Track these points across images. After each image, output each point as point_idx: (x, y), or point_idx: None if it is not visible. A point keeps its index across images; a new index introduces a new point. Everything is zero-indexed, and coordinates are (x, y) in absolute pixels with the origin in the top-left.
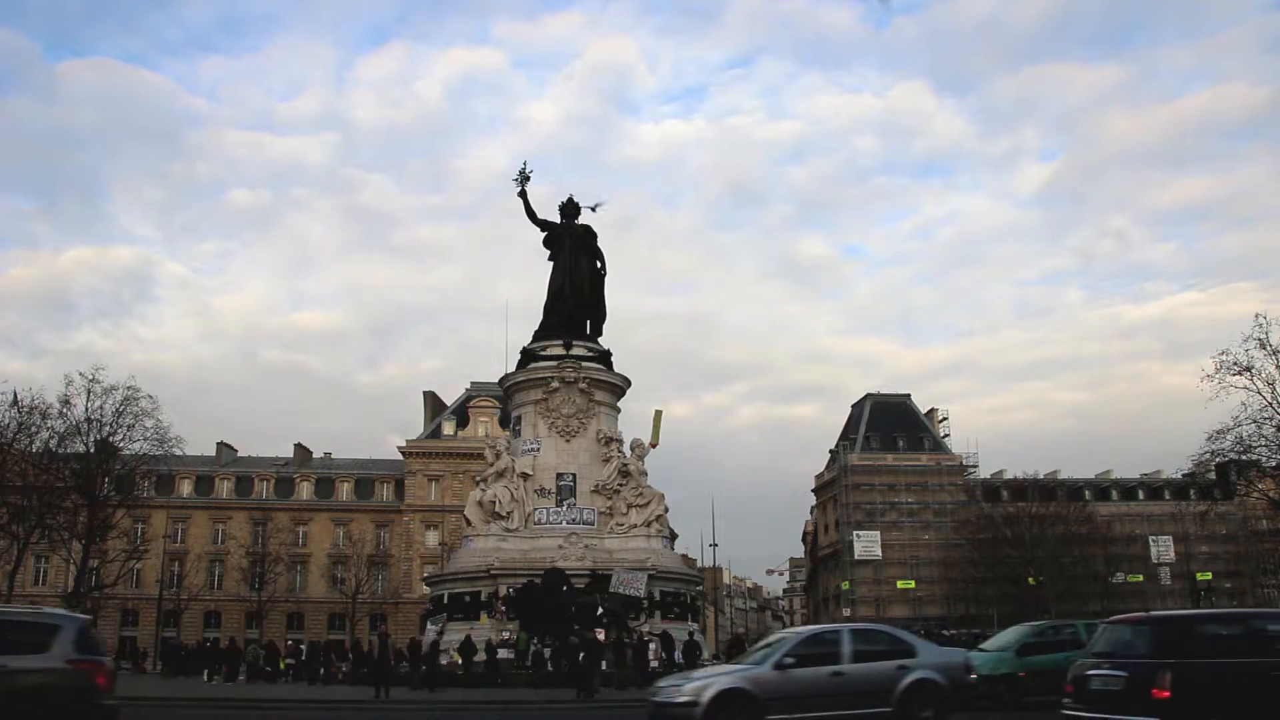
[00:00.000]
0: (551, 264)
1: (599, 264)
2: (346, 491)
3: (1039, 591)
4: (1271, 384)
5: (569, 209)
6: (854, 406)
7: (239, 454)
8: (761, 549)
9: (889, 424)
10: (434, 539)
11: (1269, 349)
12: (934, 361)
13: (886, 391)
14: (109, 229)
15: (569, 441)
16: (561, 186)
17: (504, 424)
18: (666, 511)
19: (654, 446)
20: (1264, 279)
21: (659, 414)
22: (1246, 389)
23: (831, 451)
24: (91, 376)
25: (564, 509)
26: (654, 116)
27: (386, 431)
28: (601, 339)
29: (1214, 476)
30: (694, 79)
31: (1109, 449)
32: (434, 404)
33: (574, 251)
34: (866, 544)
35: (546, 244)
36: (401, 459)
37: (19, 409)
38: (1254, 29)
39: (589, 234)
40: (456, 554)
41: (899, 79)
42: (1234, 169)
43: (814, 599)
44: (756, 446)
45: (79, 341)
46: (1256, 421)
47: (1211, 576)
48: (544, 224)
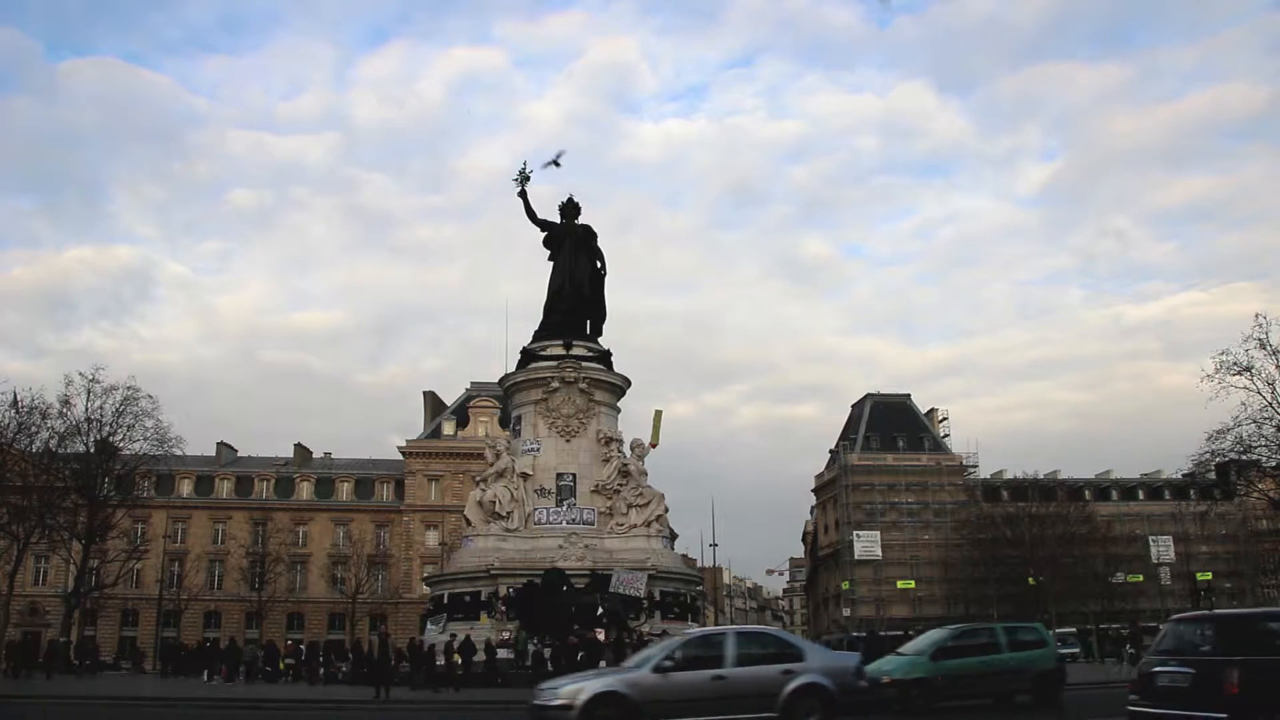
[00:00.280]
0: (551, 264)
1: (599, 264)
2: (346, 491)
3: (1039, 591)
4: (1271, 384)
5: (569, 209)
6: (854, 406)
7: (239, 454)
8: (761, 549)
9: (889, 424)
10: (434, 539)
11: (1269, 349)
12: (934, 361)
13: (887, 391)
14: (109, 228)
15: (569, 441)
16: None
17: (504, 424)
18: (666, 511)
19: (654, 446)
20: (1265, 279)
21: (659, 414)
22: (1246, 389)
23: (831, 451)
24: (91, 376)
25: (564, 509)
26: (655, 116)
27: (387, 431)
28: (602, 339)
29: (1214, 476)
30: (695, 78)
31: (1109, 449)
32: (434, 404)
33: (574, 251)
34: (866, 544)
35: (546, 244)
36: (401, 459)
37: (18, 409)
38: (1255, 29)
39: (589, 234)
40: (456, 554)
41: (900, 79)
42: (1235, 169)
43: (814, 599)
44: (757, 446)
45: (79, 341)
46: (1256, 421)
47: (1211, 576)
48: (544, 224)
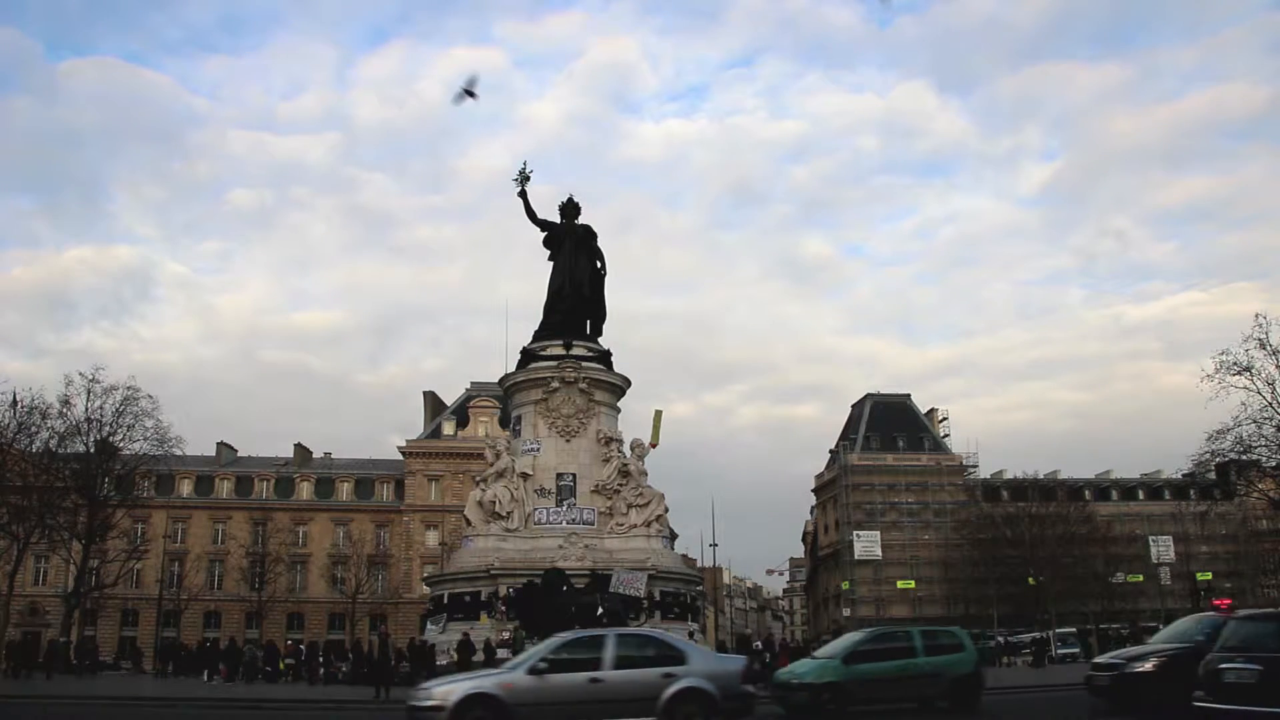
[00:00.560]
0: (551, 264)
1: (599, 264)
2: (346, 491)
3: (1039, 591)
4: (1271, 384)
5: (569, 209)
6: (854, 406)
7: (239, 454)
8: (761, 549)
9: (889, 424)
10: (434, 539)
11: (1269, 349)
12: (935, 361)
13: (887, 391)
14: (110, 228)
15: (569, 441)
16: (563, 186)
17: (504, 424)
18: (666, 511)
19: (654, 446)
20: (1265, 279)
21: (659, 414)
22: (1246, 389)
23: (831, 451)
24: (91, 376)
25: (564, 509)
26: (655, 116)
27: (387, 431)
28: (602, 339)
29: (1214, 476)
30: (696, 78)
31: (1109, 449)
32: (434, 404)
33: (574, 251)
34: (866, 544)
35: (546, 244)
36: (401, 459)
37: (17, 410)
38: (1255, 28)
39: (589, 234)
40: (456, 554)
41: (901, 78)
42: (1235, 169)
43: (814, 599)
44: (757, 446)
45: (79, 341)
46: (1256, 421)
47: (1211, 576)
48: (544, 224)
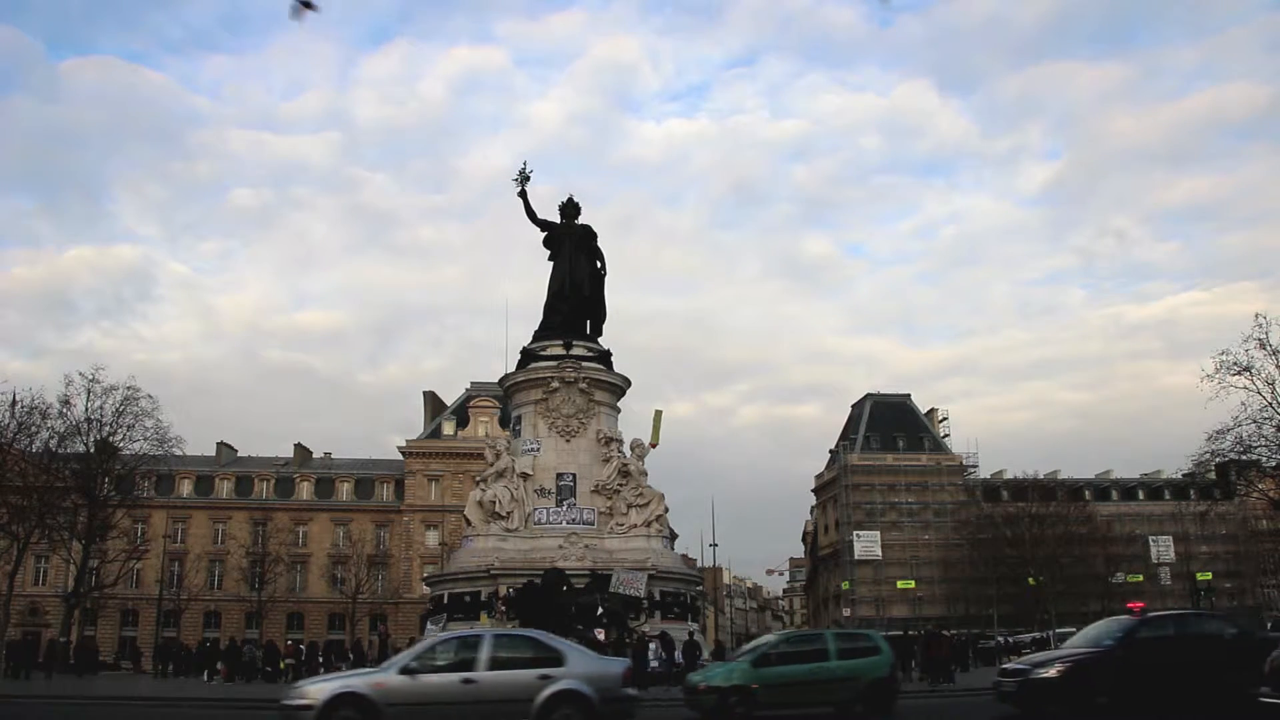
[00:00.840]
0: (551, 264)
1: (599, 264)
2: (346, 491)
3: (1039, 591)
4: (1271, 384)
5: (569, 209)
6: (854, 406)
7: (239, 454)
8: (761, 549)
9: (889, 424)
10: (434, 539)
11: (1269, 349)
12: (936, 361)
13: (887, 391)
14: (110, 228)
15: (569, 441)
16: (564, 186)
17: (504, 424)
18: (666, 511)
19: (654, 446)
20: (1266, 278)
21: (659, 414)
22: (1246, 389)
23: (831, 451)
24: (91, 376)
25: (564, 509)
26: (657, 115)
27: (387, 431)
28: (602, 339)
29: (1214, 476)
30: (697, 78)
31: (1110, 449)
32: (434, 404)
33: (574, 251)
34: (866, 544)
35: (547, 244)
36: (401, 459)
37: (15, 411)
38: (1257, 28)
39: (589, 234)
40: (456, 554)
41: (902, 78)
42: (1236, 168)
43: (814, 599)
44: (757, 446)
45: (80, 341)
46: (1256, 421)
47: (1211, 576)
48: (544, 224)
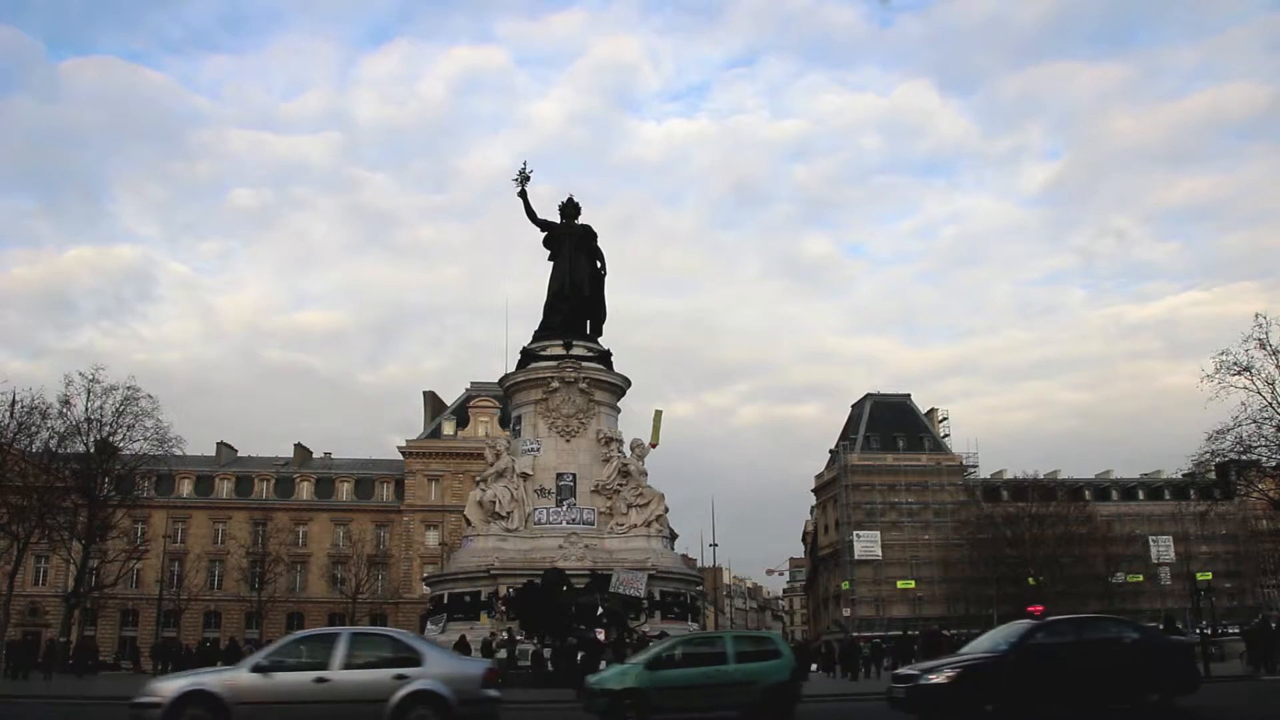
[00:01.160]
0: (551, 264)
1: (599, 264)
2: (346, 491)
3: (1039, 591)
4: (1271, 384)
5: (569, 209)
6: (854, 406)
7: (239, 454)
8: (761, 549)
9: (889, 424)
10: (434, 539)
11: (1269, 349)
12: (936, 361)
13: (887, 391)
14: (111, 228)
15: (569, 441)
16: (564, 186)
17: (504, 424)
18: (666, 511)
19: (654, 446)
20: (1266, 278)
21: (659, 414)
22: (1246, 389)
23: (831, 451)
24: (91, 376)
25: (564, 509)
26: (657, 115)
27: (387, 431)
28: (602, 339)
29: (1214, 476)
30: (697, 77)
31: (1110, 449)
32: (434, 404)
33: (574, 251)
34: (866, 544)
35: (547, 244)
36: (401, 459)
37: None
38: (1257, 28)
39: (589, 234)
40: (456, 554)
41: (903, 78)
42: (1237, 168)
43: (814, 599)
44: (757, 446)
45: (80, 341)
46: (1256, 421)
47: (1211, 576)
48: (544, 224)
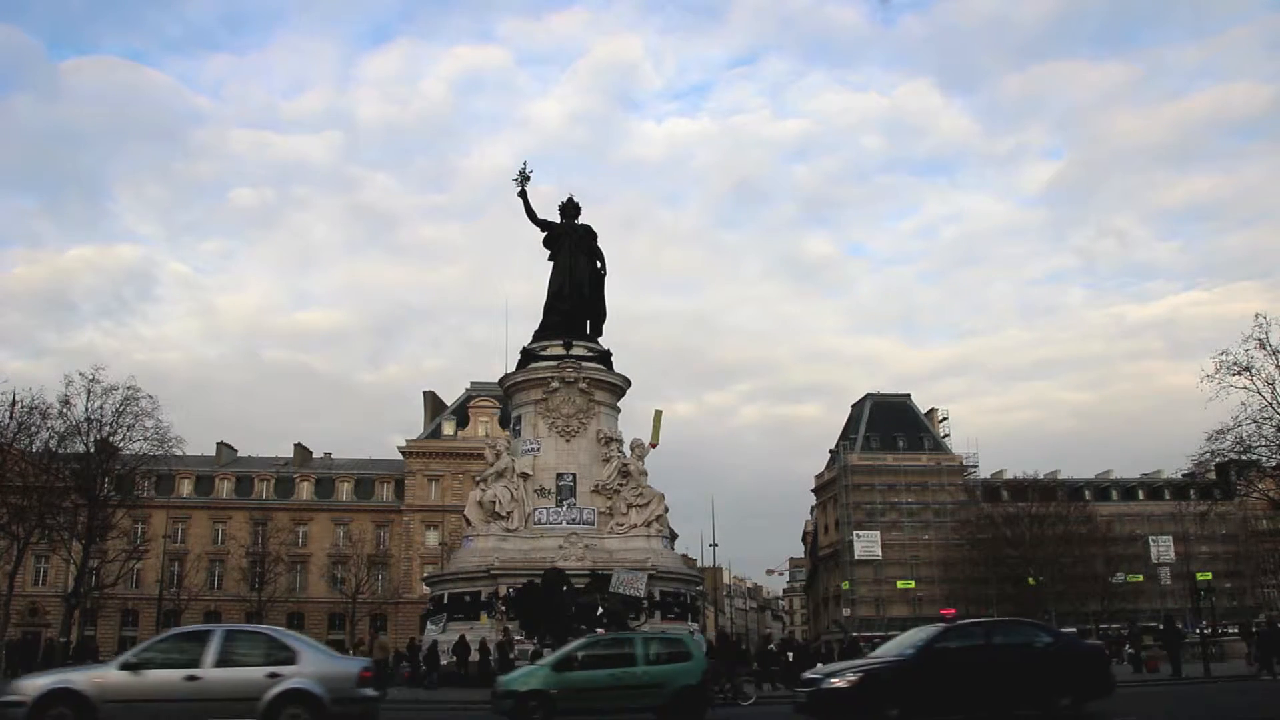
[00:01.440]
0: (551, 264)
1: (599, 264)
2: (346, 491)
3: (1039, 591)
4: (1271, 384)
5: (569, 209)
6: (854, 406)
7: (239, 454)
8: (761, 549)
9: (889, 424)
10: (434, 539)
11: (1269, 349)
12: (937, 361)
13: (887, 391)
14: (111, 228)
15: (569, 441)
16: (565, 185)
17: (504, 424)
18: (666, 511)
19: (654, 446)
20: (1268, 278)
21: (659, 414)
22: (1246, 389)
23: (831, 451)
24: (91, 376)
25: (564, 509)
26: (658, 115)
27: (387, 431)
28: (602, 339)
29: (1214, 476)
30: (699, 77)
31: (1110, 449)
32: (434, 404)
33: (574, 251)
34: (866, 544)
35: (547, 244)
36: (401, 459)
37: (18, 409)
38: (1260, 28)
39: (589, 234)
40: (456, 554)
41: (905, 77)
42: (1239, 168)
43: (814, 599)
44: (758, 446)
45: (81, 341)
46: (1256, 421)
47: (1211, 576)
48: (544, 224)
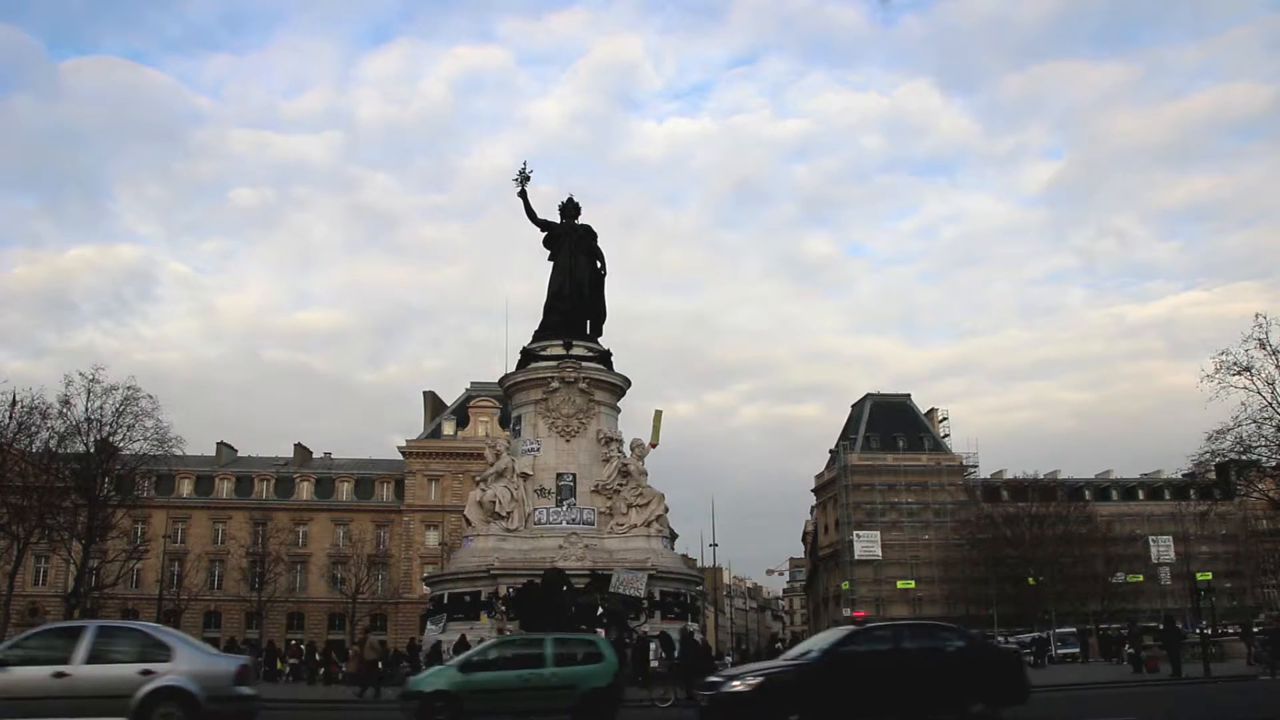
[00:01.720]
0: (551, 264)
1: (599, 264)
2: (346, 491)
3: (1039, 591)
4: (1271, 384)
5: (569, 209)
6: (854, 406)
7: (239, 454)
8: (761, 549)
9: (889, 424)
10: (434, 539)
11: (1269, 349)
12: (936, 361)
13: (887, 391)
14: (111, 228)
15: (569, 441)
16: (565, 185)
17: (504, 424)
18: (666, 511)
19: (654, 446)
20: (1268, 278)
21: (659, 414)
22: (1246, 389)
23: (831, 451)
24: (91, 376)
25: (564, 509)
26: (659, 115)
27: (387, 431)
28: (602, 339)
29: (1214, 476)
30: (699, 77)
31: (1111, 449)
32: (434, 404)
33: (574, 251)
34: (866, 544)
35: (547, 244)
36: (401, 459)
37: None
38: (1260, 27)
39: (589, 234)
40: (456, 554)
41: (905, 77)
42: (1239, 168)
43: (814, 599)
44: (758, 446)
45: (81, 341)
46: (1256, 421)
47: (1211, 576)
48: (544, 224)
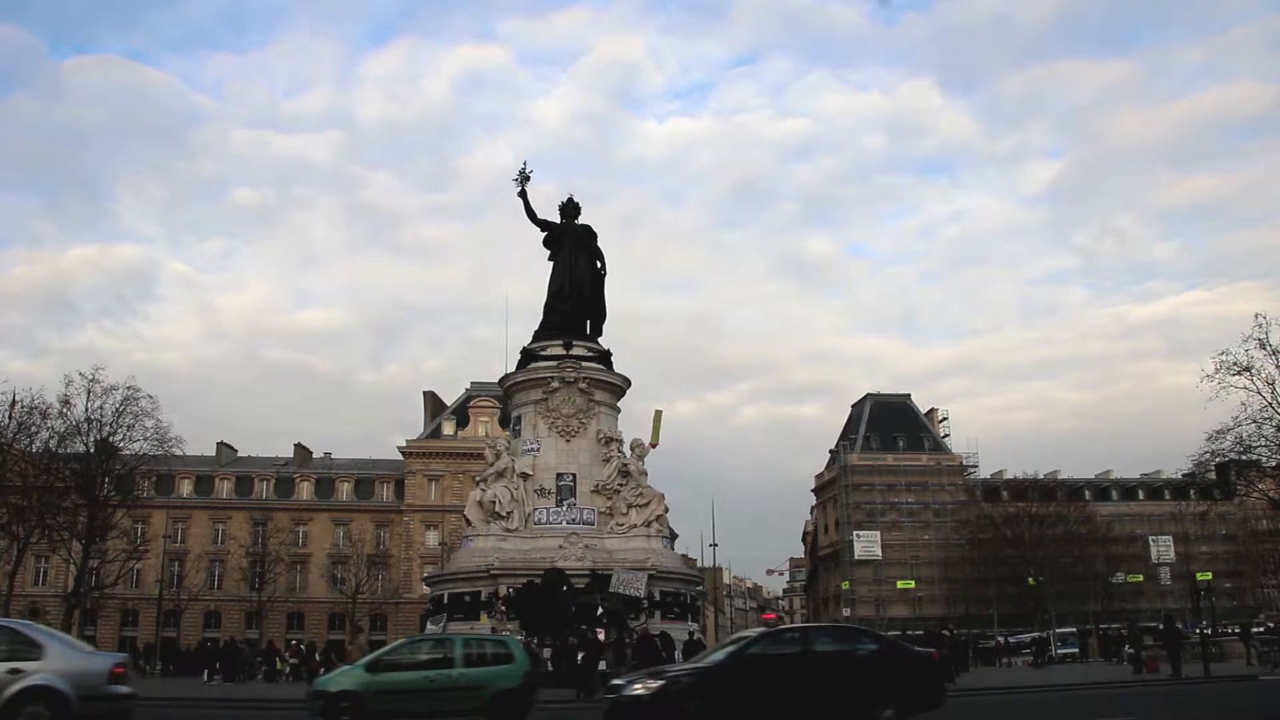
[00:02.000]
0: (552, 264)
1: (599, 264)
2: (346, 491)
3: (1039, 591)
4: (1271, 384)
5: (569, 209)
6: (854, 406)
7: (239, 454)
8: (761, 549)
9: (889, 424)
10: (434, 539)
11: (1269, 349)
12: (936, 361)
13: (887, 391)
14: (112, 227)
15: (569, 441)
16: (566, 184)
17: (504, 424)
18: (666, 511)
19: (654, 446)
20: (1269, 278)
21: (659, 414)
22: (1246, 389)
23: (832, 451)
24: (91, 376)
25: (564, 509)
26: (660, 114)
27: (387, 431)
28: (602, 339)
29: (1214, 476)
30: (700, 76)
31: (1111, 449)
32: (434, 404)
33: (574, 251)
34: (866, 544)
35: (547, 244)
36: (401, 459)
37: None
38: (1262, 27)
39: (589, 234)
40: (456, 554)
41: (906, 77)
42: (1240, 167)
43: (814, 599)
44: (758, 446)
45: (81, 340)
46: (1256, 421)
47: (1211, 576)
48: (544, 224)
